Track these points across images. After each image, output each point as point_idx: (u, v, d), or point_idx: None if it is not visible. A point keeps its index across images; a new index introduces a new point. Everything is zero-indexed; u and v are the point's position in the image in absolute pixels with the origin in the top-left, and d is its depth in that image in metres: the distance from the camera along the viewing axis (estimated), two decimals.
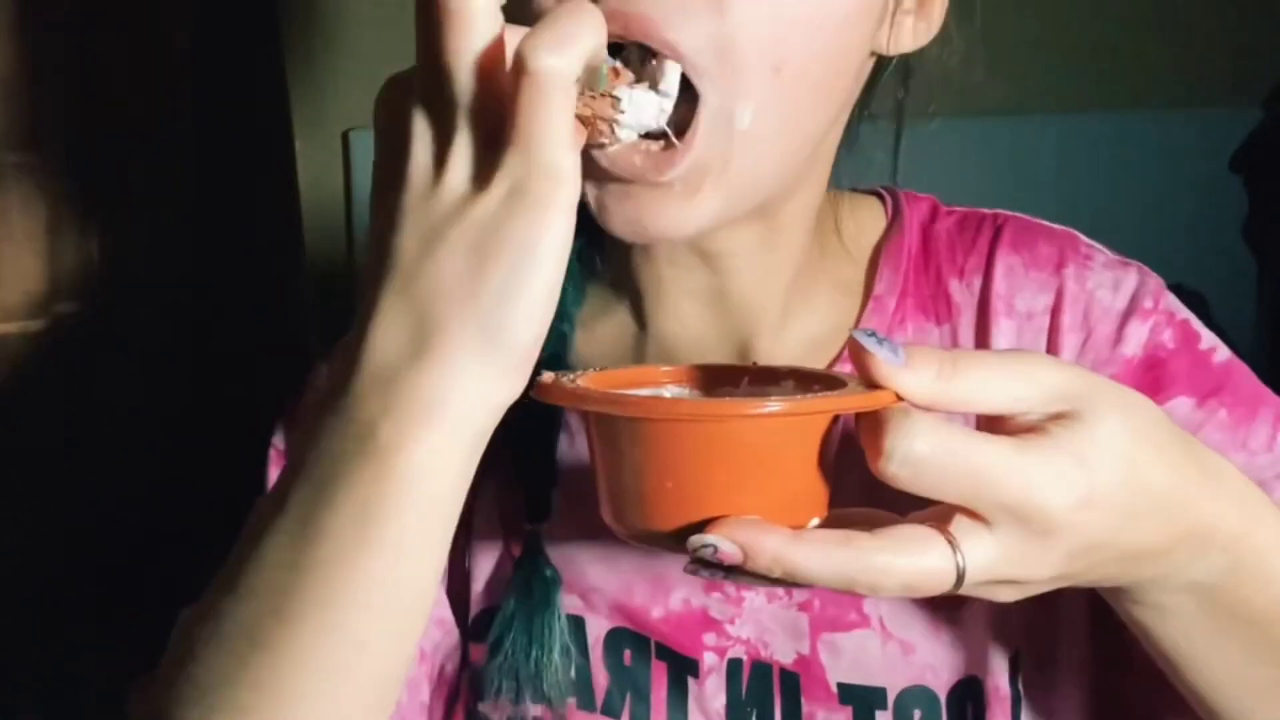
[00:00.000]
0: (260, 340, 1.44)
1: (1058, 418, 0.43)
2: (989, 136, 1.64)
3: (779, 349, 0.63)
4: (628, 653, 0.63)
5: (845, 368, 0.62)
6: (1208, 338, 0.61)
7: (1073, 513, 0.42)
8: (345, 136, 1.64)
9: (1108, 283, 0.62)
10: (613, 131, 0.45)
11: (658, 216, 0.50)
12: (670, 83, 0.48)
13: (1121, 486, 0.42)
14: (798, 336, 0.63)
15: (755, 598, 0.62)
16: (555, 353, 0.63)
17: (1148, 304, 0.61)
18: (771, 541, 0.41)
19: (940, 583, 0.42)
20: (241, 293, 1.44)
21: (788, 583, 0.42)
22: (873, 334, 0.43)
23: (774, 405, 0.42)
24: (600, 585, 0.64)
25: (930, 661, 0.61)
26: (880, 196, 0.68)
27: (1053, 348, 0.61)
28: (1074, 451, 0.42)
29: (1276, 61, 1.71)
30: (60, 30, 1.10)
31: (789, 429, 0.43)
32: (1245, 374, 0.61)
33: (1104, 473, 0.42)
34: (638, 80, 0.48)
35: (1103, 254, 0.64)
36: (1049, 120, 1.75)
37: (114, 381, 1.22)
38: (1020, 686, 0.60)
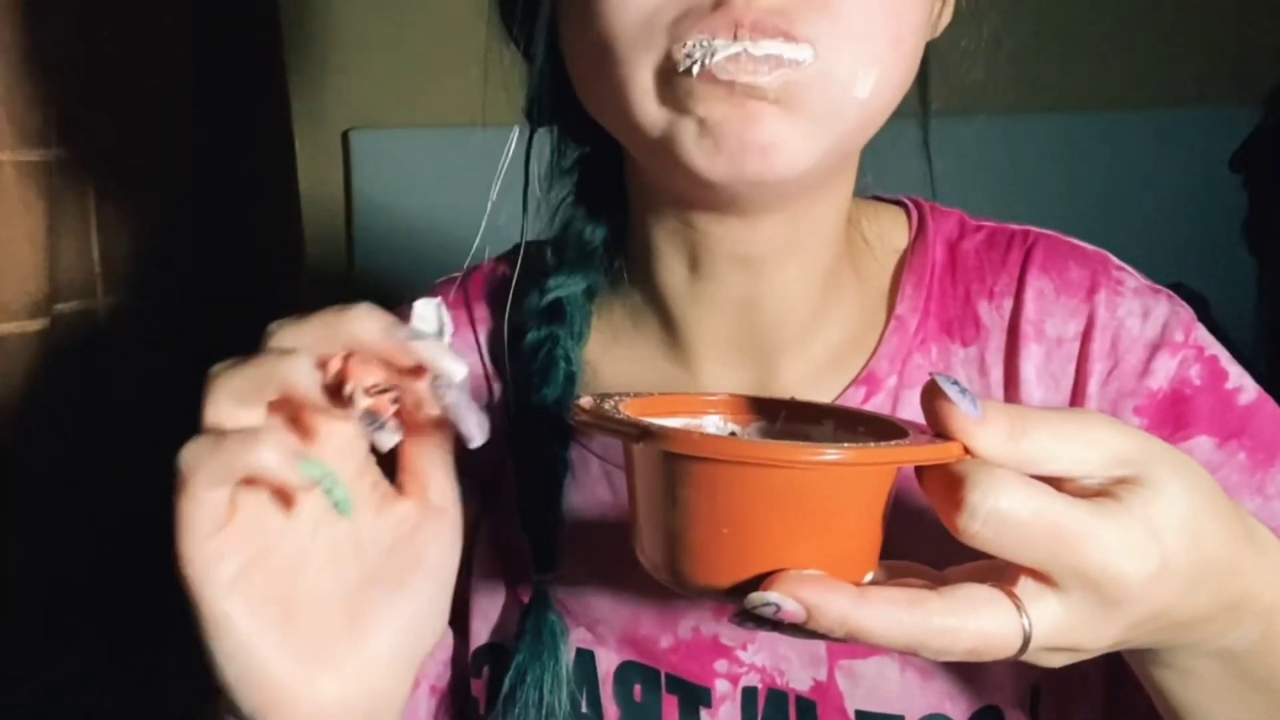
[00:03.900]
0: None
1: (1120, 482, 0.41)
2: (989, 136, 1.64)
3: (802, 363, 0.62)
4: (638, 687, 0.62)
5: (862, 390, 0.61)
6: (1235, 376, 0.60)
7: (1147, 584, 0.40)
8: (345, 136, 1.64)
9: (1137, 310, 0.61)
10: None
11: (761, 137, 0.49)
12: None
13: (1186, 556, 0.41)
14: (820, 348, 0.62)
15: None
16: (561, 397, 0.62)
17: (1178, 337, 0.60)
18: (838, 601, 0.39)
19: (1006, 647, 0.40)
20: (241, 292, 1.43)
21: (844, 641, 0.40)
22: (955, 382, 0.41)
23: (849, 454, 0.39)
24: (608, 616, 0.63)
25: (949, 689, 0.60)
26: (904, 206, 0.67)
27: (1081, 375, 0.60)
28: (1145, 519, 0.41)
29: (1277, 61, 1.71)
30: (61, 29, 1.10)
31: (859, 479, 0.41)
32: (1271, 416, 0.60)
33: (1172, 543, 0.41)
34: None
35: (1134, 278, 0.63)
36: (1049, 120, 1.75)
37: (114, 381, 1.22)
38: (1040, 718, 0.60)
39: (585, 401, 0.45)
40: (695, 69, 0.48)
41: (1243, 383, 0.60)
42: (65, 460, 1.15)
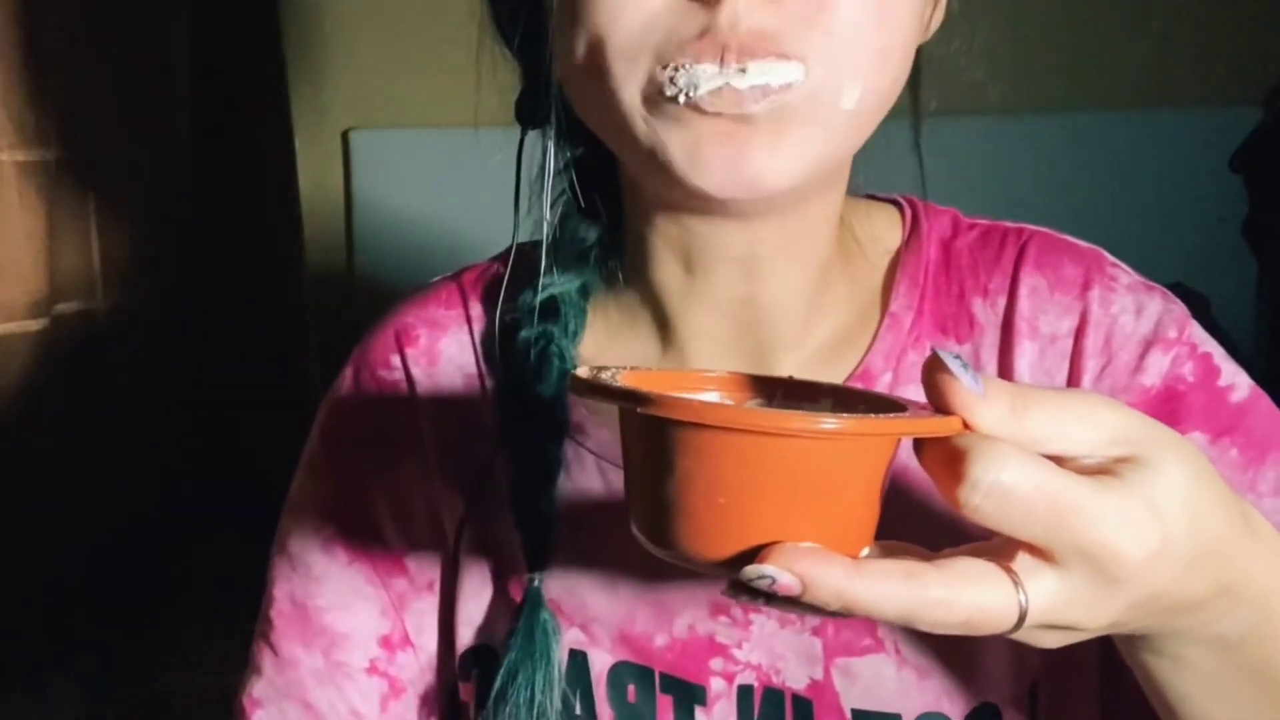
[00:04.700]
0: (259, 338, 1.44)
1: (1121, 461, 0.41)
2: (989, 136, 1.64)
3: (796, 361, 0.62)
4: (631, 688, 0.62)
5: (856, 386, 0.61)
6: (1228, 373, 0.60)
7: (1146, 562, 0.40)
8: (345, 136, 1.64)
9: (1131, 307, 0.61)
10: None
11: (752, 157, 0.49)
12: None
13: (1185, 537, 0.41)
14: (814, 347, 0.62)
15: (765, 621, 0.61)
16: (555, 394, 0.62)
17: (1171, 334, 0.60)
18: (834, 574, 0.39)
19: (1001, 621, 0.40)
20: (241, 292, 1.44)
21: (840, 615, 0.40)
22: (957, 357, 0.40)
23: (849, 424, 0.39)
24: (602, 615, 0.63)
25: (946, 688, 0.59)
26: (898, 205, 0.67)
27: (1075, 371, 0.60)
28: (1146, 498, 0.40)
29: (1277, 61, 1.71)
30: (61, 29, 1.10)
31: (858, 450, 0.40)
32: (1263, 414, 0.60)
33: (1172, 523, 0.40)
34: None
35: (1128, 275, 0.62)
36: (1050, 120, 1.74)
37: (113, 380, 1.22)
38: (1037, 716, 0.60)
39: (583, 371, 0.44)
40: (680, 98, 0.49)
41: (1236, 380, 0.60)
42: (65, 460, 1.15)
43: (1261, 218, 1.67)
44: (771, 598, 0.40)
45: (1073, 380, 0.60)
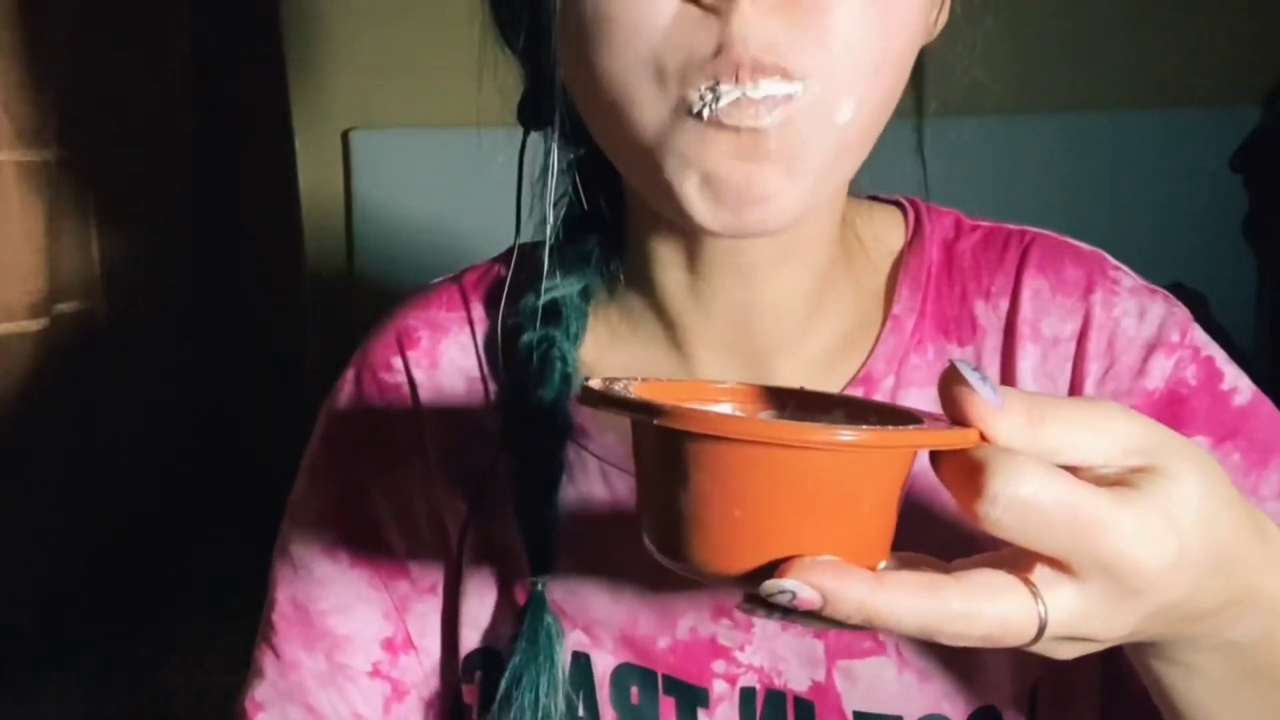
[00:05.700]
0: (259, 337, 1.44)
1: (1137, 471, 0.41)
2: (989, 136, 1.64)
3: (798, 365, 0.62)
4: (634, 689, 0.62)
5: (859, 390, 0.61)
6: (1230, 376, 0.60)
7: (1163, 573, 0.40)
8: (345, 136, 1.64)
9: (1133, 310, 0.60)
10: None
11: (763, 189, 0.49)
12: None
13: (1201, 546, 0.41)
14: (816, 350, 0.62)
15: (766, 624, 0.61)
16: (557, 398, 0.62)
17: (1174, 337, 0.60)
18: (856, 587, 0.38)
19: (1022, 634, 0.40)
20: (240, 291, 1.44)
21: (859, 628, 0.40)
22: (975, 369, 0.40)
23: (866, 435, 0.39)
24: (605, 618, 0.62)
25: (947, 690, 0.60)
26: (901, 207, 0.67)
27: (1077, 374, 0.60)
28: (1163, 508, 0.40)
29: (1276, 61, 1.71)
30: (61, 30, 1.10)
31: (875, 462, 0.40)
32: (1265, 417, 0.60)
33: (1189, 532, 0.41)
34: None
35: (1130, 278, 0.63)
36: (1050, 120, 1.75)
37: (113, 380, 1.22)
38: (1038, 718, 0.60)
39: (595, 382, 0.44)
40: (705, 113, 0.49)
41: (1238, 383, 0.60)
42: (65, 460, 1.15)
43: (1261, 218, 1.67)
44: (790, 612, 0.39)
45: (1075, 383, 0.60)
